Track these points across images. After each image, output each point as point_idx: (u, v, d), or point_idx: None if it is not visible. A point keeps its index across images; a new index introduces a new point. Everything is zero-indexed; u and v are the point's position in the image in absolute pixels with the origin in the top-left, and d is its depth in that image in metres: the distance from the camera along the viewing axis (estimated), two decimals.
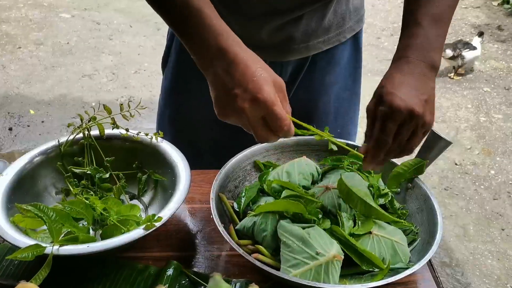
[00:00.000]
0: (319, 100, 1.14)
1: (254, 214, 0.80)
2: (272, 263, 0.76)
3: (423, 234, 0.82)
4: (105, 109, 0.90)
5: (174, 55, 1.13)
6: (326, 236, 0.74)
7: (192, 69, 1.12)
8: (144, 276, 0.80)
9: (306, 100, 1.12)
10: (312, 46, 1.04)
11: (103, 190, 0.92)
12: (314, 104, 1.14)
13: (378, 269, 0.75)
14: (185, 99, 1.16)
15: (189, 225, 0.92)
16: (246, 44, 0.72)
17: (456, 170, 2.81)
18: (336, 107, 1.17)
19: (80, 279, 0.79)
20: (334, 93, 1.15)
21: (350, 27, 1.08)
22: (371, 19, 4.76)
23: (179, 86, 1.15)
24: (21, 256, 0.69)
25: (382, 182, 0.91)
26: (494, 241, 2.33)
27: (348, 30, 1.08)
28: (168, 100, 1.20)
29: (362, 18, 1.12)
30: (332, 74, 1.11)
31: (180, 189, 0.85)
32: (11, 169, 0.90)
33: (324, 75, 1.10)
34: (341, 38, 1.07)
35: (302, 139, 0.98)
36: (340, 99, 1.17)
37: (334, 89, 1.14)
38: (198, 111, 1.11)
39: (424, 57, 0.77)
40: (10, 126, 3.03)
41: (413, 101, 0.73)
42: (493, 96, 3.54)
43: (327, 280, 0.70)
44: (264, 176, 0.91)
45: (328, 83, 1.11)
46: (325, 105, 1.15)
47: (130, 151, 0.97)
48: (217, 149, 1.08)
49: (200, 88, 1.13)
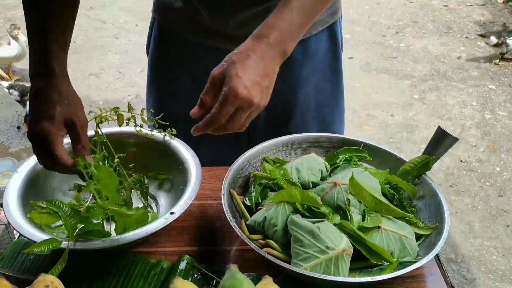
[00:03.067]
0: (298, 92, 1.14)
1: (266, 208, 0.82)
2: (283, 257, 0.78)
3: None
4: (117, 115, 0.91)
5: (153, 43, 1.16)
6: (336, 231, 0.75)
7: (169, 57, 1.15)
8: (157, 270, 0.82)
9: (285, 94, 1.13)
10: None
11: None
12: (293, 97, 1.15)
13: (387, 262, 0.76)
14: (164, 86, 1.19)
15: (200, 221, 0.94)
16: (216, 35, 0.76)
17: (462, 167, 2.82)
18: (317, 98, 1.18)
19: (94, 273, 0.81)
20: (313, 85, 1.16)
21: (323, 20, 1.09)
22: (376, 17, 4.76)
23: (158, 73, 1.19)
24: (38, 250, 0.71)
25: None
26: (499, 237, 2.34)
27: (320, 22, 1.08)
28: (150, 88, 1.23)
29: (337, 10, 1.12)
30: (309, 66, 1.12)
31: (192, 185, 0.87)
32: (25, 166, 0.92)
33: (300, 67, 1.11)
34: (312, 30, 1.07)
35: (311, 136, 1.00)
36: (320, 90, 1.18)
37: (313, 81, 1.15)
38: (178, 98, 1.13)
39: (282, 43, 0.80)
40: (18, 124, 3.06)
41: (255, 90, 0.77)
42: (498, 94, 3.54)
43: (337, 273, 0.72)
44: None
45: (306, 75, 1.12)
46: (305, 97, 1.16)
47: (141, 148, 0.99)
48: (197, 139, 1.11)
49: (177, 76, 1.15)
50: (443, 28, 4.58)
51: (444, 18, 4.81)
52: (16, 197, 0.85)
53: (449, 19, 4.76)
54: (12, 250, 0.85)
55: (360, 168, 0.91)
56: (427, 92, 3.58)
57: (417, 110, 3.37)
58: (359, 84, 3.57)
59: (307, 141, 0.99)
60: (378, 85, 3.62)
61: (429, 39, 4.38)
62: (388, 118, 3.28)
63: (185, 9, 1.04)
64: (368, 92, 3.51)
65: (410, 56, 4.08)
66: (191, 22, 1.05)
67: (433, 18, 4.81)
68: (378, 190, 0.85)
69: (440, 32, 4.51)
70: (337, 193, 0.83)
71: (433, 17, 4.83)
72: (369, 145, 0.97)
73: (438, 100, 3.48)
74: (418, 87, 3.64)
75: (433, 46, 4.26)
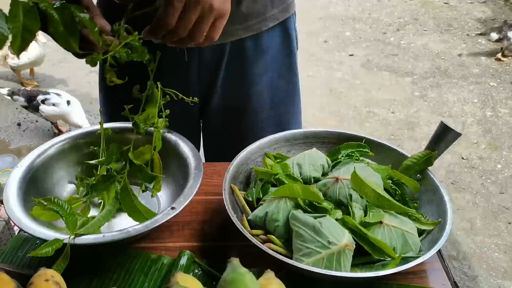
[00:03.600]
0: (251, 90, 1.13)
1: (267, 203, 0.82)
2: (284, 252, 0.77)
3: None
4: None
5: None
6: (338, 226, 0.75)
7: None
8: (157, 265, 0.82)
9: (237, 91, 1.12)
10: (229, 33, 1.01)
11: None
12: (246, 95, 1.13)
13: (389, 258, 0.76)
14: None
15: (201, 216, 0.93)
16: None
17: (463, 164, 2.81)
18: (271, 96, 1.16)
19: (95, 268, 0.80)
20: (267, 83, 1.14)
21: (273, 16, 1.07)
22: (376, 14, 4.75)
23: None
24: (42, 252, 0.70)
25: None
26: (501, 234, 2.34)
27: (271, 18, 1.07)
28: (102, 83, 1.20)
29: (288, 7, 1.10)
30: (261, 63, 1.10)
31: (192, 180, 0.86)
32: (25, 162, 0.91)
33: (252, 64, 1.09)
34: (262, 26, 1.06)
35: (312, 131, 0.99)
36: (274, 88, 1.16)
37: (266, 79, 1.13)
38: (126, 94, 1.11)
39: None
40: (18, 121, 3.06)
41: None
42: (499, 91, 3.54)
43: (339, 269, 0.72)
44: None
45: (258, 72, 1.11)
46: (258, 95, 1.14)
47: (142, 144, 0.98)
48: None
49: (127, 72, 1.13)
50: (444, 26, 4.58)
51: (445, 15, 4.80)
52: (16, 192, 0.84)
53: (450, 16, 4.76)
54: (13, 245, 0.85)
55: (362, 163, 0.90)
56: (428, 89, 3.57)
57: (418, 107, 3.37)
58: (360, 81, 3.57)
59: (308, 136, 0.99)
60: (379, 82, 3.61)
61: (430, 37, 4.38)
62: (389, 115, 3.27)
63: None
64: (369, 89, 3.50)
65: (411, 53, 4.07)
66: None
67: (434, 15, 4.80)
68: (380, 185, 0.84)
69: (441, 29, 4.50)
70: (339, 188, 0.83)
71: (434, 14, 4.82)
72: (371, 141, 0.96)
73: (439, 97, 3.48)
74: (419, 84, 3.64)
75: (434, 43, 4.26)
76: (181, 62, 1.07)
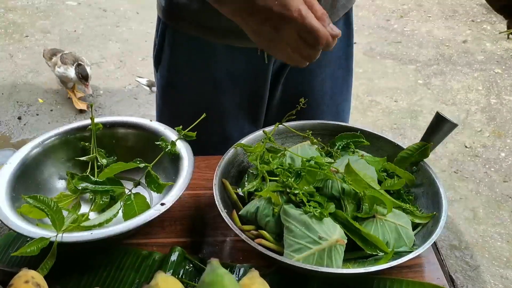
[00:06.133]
0: (314, 81, 1.13)
1: (258, 198, 0.80)
2: (276, 248, 0.76)
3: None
4: None
5: (167, 51, 1.11)
6: (329, 221, 0.73)
7: (188, 63, 1.11)
8: (148, 262, 0.81)
9: (301, 82, 1.12)
10: None
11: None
12: (309, 85, 1.13)
13: (382, 253, 0.74)
14: (183, 94, 1.15)
15: (193, 211, 0.92)
16: (237, 31, 0.71)
17: (466, 153, 2.78)
18: (331, 86, 1.16)
19: (85, 266, 0.79)
20: (329, 73, 1.14)
21: (343, 5, 1.07)
22: (380, 1, 4.69)
23: (176, 81, 1.14)
24: (27, 251, 0.69)
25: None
26: (504, 223, 2.32)
27: (342, 7, 1.06)
28: (166, 98, 1.19)
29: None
30: (326, 54, 1.10)
31: (183, 175, 0.85)
32: (15, 158, 0.90)
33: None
34: (334, 17, 1.05)
35: (307, 123, 0.97)
36: (334, 78, 1.16)
37: (328, 69, 1.13)
38: (198, 106, 1.10)
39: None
40: (19, 115, 3.05)
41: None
42: (504, 78, 3.49)
43: (330, 265, 0.70)
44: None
45: (323, 63, 1.10)
46: (320, 85, 1.14)
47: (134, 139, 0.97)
48: (221, 143, 1.08)
49: (197, 81, 1.12)
50: (449, 12, 4.51)
51: (449, 1, 4.73)
52: (5, 190, 0.83)
53: (455, 2, 4.69)
54: (2, 243, 0.84)
55: (356, 156, 0.89)
56: (431, 77, 3.53)
57: (422, 95, 3.33)
58: (363, 70, 3.53)
59: (302, 129, 0.97)
60: (382, 70, 3.57)
61: (434, 23, 4.32)
62: (391, 104, 3.24)
63: (202, 10, 0.99)
64: (371, 77, 3.47)
65: (415, 41, 4.02)
66: (209, 23, 1.01)
67: (439, 1, 4.73)
68: (374, 178, 0.82)
69: (446, 16, 4.44)
70: (331, 181, 0.81)
71: (438, 0, 4.75)
72: (367, 132, 0.95)
73: (443, 85, 3.44)
74: (422, 72, 3.60)
75: (438, 30, 4.20)
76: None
